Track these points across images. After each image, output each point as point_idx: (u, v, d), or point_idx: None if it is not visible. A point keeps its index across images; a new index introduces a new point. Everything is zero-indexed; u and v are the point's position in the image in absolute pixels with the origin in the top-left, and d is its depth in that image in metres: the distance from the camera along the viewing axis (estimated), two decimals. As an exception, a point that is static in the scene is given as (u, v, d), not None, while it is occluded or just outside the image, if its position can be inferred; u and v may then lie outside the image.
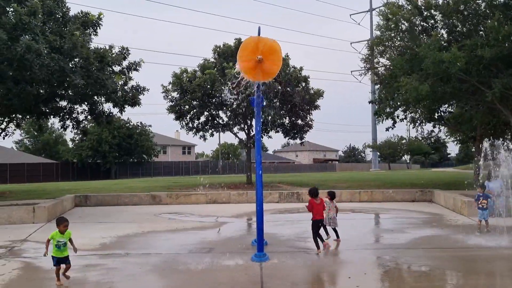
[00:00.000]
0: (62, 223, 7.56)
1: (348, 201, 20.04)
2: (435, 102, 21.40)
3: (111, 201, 19.51)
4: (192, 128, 26.49)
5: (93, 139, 57.42)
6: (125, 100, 19.03)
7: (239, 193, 20.78)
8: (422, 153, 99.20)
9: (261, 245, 8.92)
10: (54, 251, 7.45)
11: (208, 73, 23.92)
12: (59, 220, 7.69)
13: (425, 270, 8.04)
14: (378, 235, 12.70)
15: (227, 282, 7.49)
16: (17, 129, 26.41)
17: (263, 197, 9.41)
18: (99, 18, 18.29)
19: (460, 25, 19.47)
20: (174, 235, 12.03)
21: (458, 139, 32.99)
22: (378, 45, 21.85)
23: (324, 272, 8.23)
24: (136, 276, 7.84)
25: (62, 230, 7.50)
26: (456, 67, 16.42)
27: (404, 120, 25.96)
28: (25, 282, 7.70)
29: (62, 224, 7.54)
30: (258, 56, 8.53)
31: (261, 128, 11.48)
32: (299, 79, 25.83)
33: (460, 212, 15.49)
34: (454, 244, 10.44)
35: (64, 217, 7.82)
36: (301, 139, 27.91)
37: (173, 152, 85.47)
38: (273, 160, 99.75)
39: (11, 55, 14.09)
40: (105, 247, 10.49)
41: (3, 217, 14.21)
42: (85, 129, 24.89)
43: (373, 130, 71.37)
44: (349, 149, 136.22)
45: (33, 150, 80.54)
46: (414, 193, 20.45)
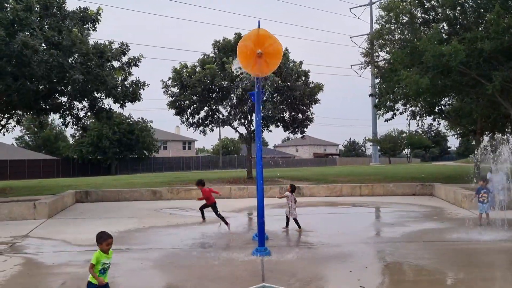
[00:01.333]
0: (105, 240, 5.79)
1: (349, 195, 20.07)
2: (435, 96, 21.37)
3: (112, 197, 19.52)
4: (193, 123, 26.48)
5: (94, 135, 57.37)
6: (125, 96, 18.99)
7: (239, 187, 20.80)
8: (423, 147, 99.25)
9: (262, 240, 8.93)
10: (92, 278, 5.75)
11: (208, 68, 23.88)
12: (100, 237, 5.86)
13: (425, 264, 8.04)
14: (379, 228, 12.72)
15: (228, 276, 7.50)
16: (17, 125, 26.43)
17: (264, 192, 9.41)
18: (98, 13, 18.24)
19: (460, 17, 19.40)
20: (175, 230, 12.05)
21: (459, 132, 32.96)
22: (378, 39, 21.80)
23: (325, 266, 8.24)
24: (137, 271, 7.86)
25: (106, 249, 5.78)
26: (456, 60, 16.38)
27: (404, 113, 25.94)
28: (27, 278, 7.71)
29: (105, 241, 5.78)
30: (258, 50, 8.50)
31: (261, 123, 11.45)
32: (299, 73, 25.78)
33: (461, 205, 15.50)
34: (454, 237, 10.45)
35: (106, 232, 5.96)
36: (301, 133, 27.90)
37: (173, 148, 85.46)
38: (274, 155, 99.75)
39: (9, 51, 14.05)
40: (106, 242, 10.49)
41: (4, 213, 14.23)
42: (85, 125, 24.87)
43: (373, 124, 71.34)
44: (350, 143, 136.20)
45: (33, 147, 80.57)
46: (415, 186, 20.47)
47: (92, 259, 5.68)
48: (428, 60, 17.22)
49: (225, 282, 7.23)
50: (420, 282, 7.09)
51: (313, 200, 18.78)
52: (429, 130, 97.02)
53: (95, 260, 5.67)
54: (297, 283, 6.97)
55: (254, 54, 8.59)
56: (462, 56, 16.40)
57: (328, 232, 11.35)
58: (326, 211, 15.98)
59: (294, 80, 25.24)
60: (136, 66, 19.82)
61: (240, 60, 8.83)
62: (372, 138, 75.34)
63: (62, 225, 13.10)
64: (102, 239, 5.80)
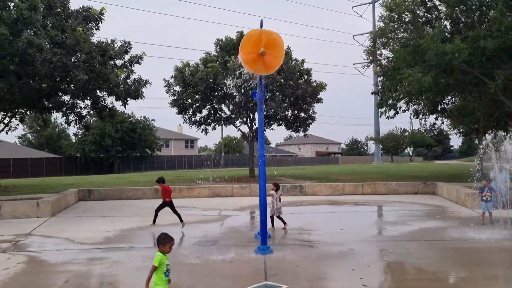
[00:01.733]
0: (168, 242, 5.66)
1: (351, 194, 20.06)
2: (438, 94, 21.35)
3: (114, 195, 19.57)
4: (195, 121, 26.52)
5: (96, 133, 57.44)
6: (127, 93, 19.02)
7: (242, 186, 20.82)
8: (425, 146, 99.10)
9: (265, 238, 8.94)
10: (160, 281, 5.50)
11: (210, 66, 23.89)
12: (164, 238, 5.70)
13: (427, 262, 8.04)
14: (381, 227, 12.71)
15: (231, 274, 7.52)
16: (20, 123, 26.50)
17: (266, 190, 9.41)
18: (101, 13, 18.27)
19: (463, 16, 19.36)
20: (177, 229, 12.05)
21: (461, 131, 32.89)
22: (381, 37, 21.77)
23: (327, 264, 8.25)
24: (140, 269, 7.87)
25: (168, 251, 5.66)
26: (459, 59, 16.35)
27: (406, 112, 25.91)
28: (30, 275, 7.74)
29: (168, 243, 5.66)
30: (261, 49, 8.49)
31: (264, 121, 11.46)
32: (301, 72, 25.78)
33: (463, 204, 15.48)
34: (457, 236, 10.44)
35: (169, 235, 5.79)
36: (304, 132, 27.92)
37: (176, 146, 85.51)
38: (276, 154, 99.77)
39: (13, 50, 14.09)
40: (109, 240, 10.54)
41: (7, 212, 14.29)
42: (87, 124, 24.92)
43: (376, 123, 71.23)
44: (352, 141, 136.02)
45: (36, 145, 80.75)
46: (417, 185, 20.44)
47: (154, 261, 5.51)
48: (431, 59, 17.20)
49: (228, 280, 7.25)
50: (423, 280, 7.09)
51: (316, 199, 18.79)
52: (431, 129, 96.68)
53: (157, 262, 5.50)
54: (299, 281, 6.98)
55: (257, 55, 8.57)
56: (465, 55, 16.37)
57: (330, 231, 11.35)
58: (328, 210, 15.98)
59: (297, 78, 25.24)
60: (138, 64, 19.85)
61: (242, 59, 8.81)
62: (375, 137, 75.22)
63: (65, 224, 13.15)
64: (166, 240, 5.66)
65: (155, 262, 5.49)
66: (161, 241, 5.67)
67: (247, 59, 8.69)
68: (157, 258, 5.52)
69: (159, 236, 5.77)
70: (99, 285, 7.10)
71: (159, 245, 5.66)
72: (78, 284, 7.14)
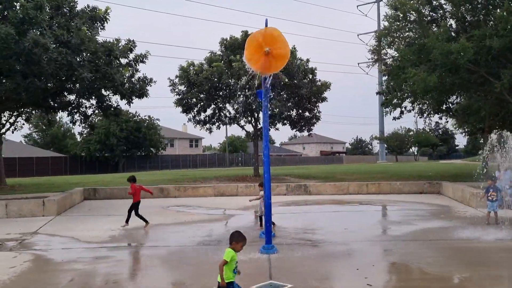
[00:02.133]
0: (242, 241, 5.75)
1: (356, 193, 20.05)
2: (443, 93, 21.28)
3: (119, 194, 19.60)
4: (199, 121, 26.56)
5: (101, 132, 57.66)
6: (132, 92, 19.08)
7: (246, 185, 20.83)
8: (430, 145, 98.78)
9: (269, 237, 8.95)
10: (231, 275, 5.61)
11: (215, 66, 23.93)
12: (239, 236, 5.78)
13: (432, 262, 8.03)
14: (386, 227, 12.69)
15: (235, 274, 7.53)
16: (26, 123, 26.66)
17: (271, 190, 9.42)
18: (106, 12, 18.34)
19: (469, 15, 19.28)
20: (182, 228, 12.11)
21: (466, 130, 32.77)
22: (386, 36, 21.71)
23: (332, 264, 8.25)
24: (145, 268, 7.92)
25: (239, 249, 5.74)
26: (464, 58, 16.29)
27: (411, 111, 25.84)
28: (36, 274, 7.80)
29: (242, 242, 5.74)
30: (266, 48, 8.50)
31: (269, 121, 11.47)
32: (306, 71, 25.78)
33: (469, 204, 15.43)
34: (462, 236, 10.41)
35: (243, 234, 5.85)
36: (308, 131, 27.92)
37: (180, 145, 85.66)
38: (280, 153, 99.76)
39: (19, 49, 14.16)
40: (114, 239, 10.59)
41: (13, 210, 14.38)
42: (92, 123, 25.02)
43: (380, 122, 71.03)
44: (356, 141, 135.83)
45: (41, 144, 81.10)
46: (422, 185, 20.39)
47: (226, 256, 5.52)
48: (436, 58, 17.14)
49: (232, 279, 7.27)
50: (427, 280, 7.08)
51: (320, 198, 18.78)
52: (436, 128, 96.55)
53: (229, 257, 5.53)
54: (304, 280, 6.99)
55: (261, 51, 8.58)
56: (470, 54, 16.31)
57: (335, 230, 11.35)
58: (332, 209, 15.98)
59: (301, 78, 25.23)
60: (143, 62, 19.91)
61: (246, 57, 8.83)
62: (379, 136, 75.02)
63: (70, 222, 13.22)
64: (240, 239, 5.71)
65: (227, 258, 5.51)
66: (235, 238, 5.70)
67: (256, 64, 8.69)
68: (229, 254, 5.55)
69: (234, 233, 5.80)
70: (104, 284, 7.14)
71: (232, 242, 5.69)
72: (83, 283, 7.19)
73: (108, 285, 7.04)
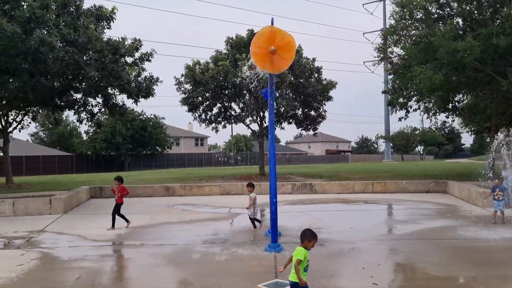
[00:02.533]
0: (314, 238, 5.67)
1: (361, 192, 20.02)
2: (449, 92, 21.17)
3: (126, 193, 19.68)
4: (205, 120, 26.61)
5: (107, 131, 57.87)
6: (139, 91, 19.14)
7: (252, 184, 20.82)
8: (436, 144, 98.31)
9: (275, 236, 8.96)
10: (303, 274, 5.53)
11: (221, 64, 23.95)
12: (311, 234, 5.67)
13: (439, 261, 8.01)
14: (392, 226, 12.67)
15: (241, 272, 7.55)
16: (32, 121, 26.80)
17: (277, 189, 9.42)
18: (113, 12, 18.40)
19: (476, 13, 19.17)
20: (188, 226, 12.14)
21: (473, 129, 32.60)
22: (392, 35, 21.61)
23: (338, 262, 8.25)
24: (151, 267, 7.94)
25: (310, 248, 5.66)
26: (471, 57, 16.20)
27: (417, 110, 25.73)
28: (44, 272, 7.85)
29: (314, 239, 5.67)
30: (271, 47, 8.49)
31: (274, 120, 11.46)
32: (311, 70, 25.76)
33: (475, 203, 15.37)
34: (468, 235, 10.38)
35: (315, 232, 5.75)
36: (314, 130, 27.89)
37: (186, 144, 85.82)
38: (286, 152, 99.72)
39: (25, 48, 14.23)
40: (121, 237, 10.63)
41: (20, 209, 14.47)
42: (99, 121, 25.11)
43: (386, 121, 70.84)
44: (362, 140, 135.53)
45: (48, 143, 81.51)
46: (428, 184, 20.32)
47: (299, 255, 5.46)
48: (442, 56, 17.06)
49: (238, 278, 7.29)
50: (433, 279, 7.07)
51: (326, 197, 18.77)
52: (442, 127, 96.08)
53: (303, 256, 5.46)
54: (309, 279, 6.97)
55: (267, 53, 8.58)
56: (477, 52, 16.21)
57: (340, 229, 11.35)
58: (338, 208, 15.96)
59: (307, 77, 25.21)
60: (148, 61, 19.94)
61: (253, 59, 8.82)
62: (385, 135, 74.80)
63: (77, 221, 13.28)
64: (312, 237, 5.63)
65: (301, 256, 5.44)
66: (307, 237, 5.61)
67: (257, 52, 8.69)
68: (302, 252, 5.48)
69: (305, 231, 5.69)
70: (111, 282, 7.18)
71: (304, 240, 5.61)
72: (90, 281, 7.23)
73: (114, 283, 7.08)
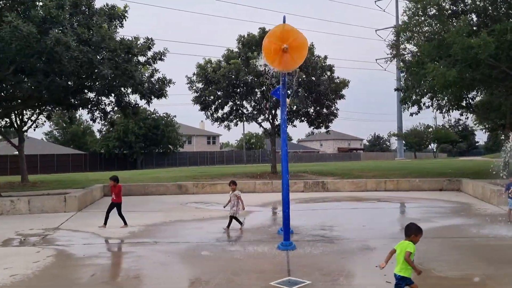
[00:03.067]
0: (420, 233, 5.64)
1: (374, 190, 19.93)
2: (463, 89, 20.96)
3: (138, 191, 19.87)
4: (217, 118, 26.68)
5: (120, 129, 58.30)
6: (151, 92, 19.24)
7: (264, 182, 20.87)
8: (449, 142, 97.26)
9: (288, 234, 8.97)
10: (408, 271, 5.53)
11: (232, 63, 23.99)
12: (416, 229, 5.66)
13: (453, 259, 7.96)
14: (405, 224, 12.50)
15: (254, 270, 7.58)
16: (47, 120, 27.11)
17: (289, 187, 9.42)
18: (125, 10, 18.50)
19: (490, 8, 18.93)
20: (201, 224, 12.20)
21: (487, 127, 32.24)
22: (404, 31, 21.44)
23: (350, 261, 8.24)
24: (164, 264, 8.01)
25: (417, 242, 5.64)
26: (485, 53, 16.01)
27: (430, 107, 25.51)
28: (59, 268, 7.95)
29: (420, 234, 5.65)
30: (283, 45, 8.48)
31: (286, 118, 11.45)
32: (323, 68, 25.67)
33: (489, 201, 15.21)
34: (482, 233, 10.28)
35: (420, 226, 5.76)
36: (326, 128, 27.82)
37: (198, 142, 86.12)
38: (297, 150, 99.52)
39: (40, 48, 14.39)
40: (134, 235, 10.73)
41: (36, 206, 14.68)
42: (112, 120, 25.30)
43: (399, 118, 70.26)
44: (374, 137, 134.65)
45: (62, 141, 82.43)
46: (442, 182, 20.16)
47: (410, 248, 5.46)
48: (456, 53, 16.88)
49: (251, 275, 7.31)
50: (447, 278, 7.02)
51: (338, 195, 18.72)
52: (456, 125, 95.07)
53: (413, 249, 5.47)
54: (322, 277, 7.00)
55: (279, 50, 8.58)
56: (492, 49, 16.02)
57: (353, 227, 11.32)
58: (350, 206, 15.91)
59: (319, 75, 25.14)
60: (161, 60, 20.01)
61: (265, 56, 8.82)
62: (397, 133, 74.21)
63: (91, 218, 13.42)
64: (418, 231, 5.64)
65: (411, 249, 5.45)
66: (414, 231, 5.63)
67: (269, 47, 8.66)
68: (413, 246, 5.48)
69: (411, 226, 5.73)
70: (125, 279, 7.26)
71: (411, 235, 5.62)
72: (104, 278, 7.31)
73: (128, 280, 7.15)
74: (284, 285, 6.57)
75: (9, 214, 14.40)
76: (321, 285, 6.63)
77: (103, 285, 6.97)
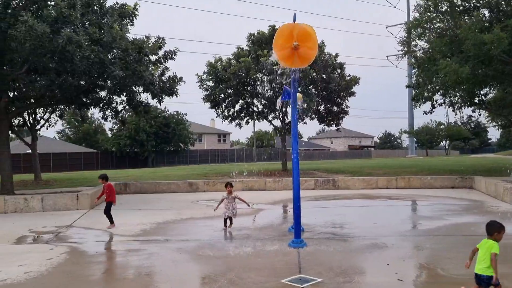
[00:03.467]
0: (503, 231, 5.57)
1: (385, 188, 19.84)
2: (475, 85, 20.76)
3: (150, 189, 20.00)
4: (228, 116, 26.72)
5: (131, 128, 58.69)
6: (162, 90, 19.33)
7: (274, 180, 20.87)
8: (462, 139, 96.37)
9: (298, 231, 8.97)
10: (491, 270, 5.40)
11: (242, 61, 23.99)
12: (500, 227, 5.59)
13: (465, 257, 7.86)
14: (416, 222, 12.52)
15: (265, 267, 7.59)
16: (59, 119, 27.39)
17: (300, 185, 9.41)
18: (135, 8, 18.59)
19: (503, 3, 18.70)
20: (211, 222, 12.23)
21: (500, 123, 31.90)
22: (416, 28, 21.27)
23: (362, 258, 8.21)
24: (175, 261, 8.06)
25: (500, 239, 5.54)
26: (498, 49, 15.83)
27: (443, 105, 25.30)
28: (72, 265, 8.03)
29: (503, 231, 5.56)
30: (294, 42, 8.46)
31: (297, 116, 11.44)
32: (334, 66, 25.58)
33: (502, 198, 15.06)
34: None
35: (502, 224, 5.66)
36: (336, 126, 27.74)
37: (208, 140, 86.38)
38: (308, 147, 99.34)
39: (53, 47, 14.52)
40: (146, 233, 10.80)
41: (49, 204, 14.85)
42: (123, 118, 25.47)
43: (410, 116, 69.82)
44: (385, 135, 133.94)
45: (74, 140, 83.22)
46: (454, 179, 19.99)
47: (495, 249, 5.37)
48: (468, 49, 16.72)
49: (262, 273, 7.32)
50: (461, 276, 6.96)
51: (349, 193, 18.66)
52: (468, 121, 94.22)
53: (498, 249, 5.35)
54: (334, 275, 6.98)
55: (290, 47, 8.55)
56: (505, 44, 15.84)
57: (364, 225, 11.27)
58: (361, 204, 15.85)
59: (330, 72, 25.05)
60: (172, 59, 20.09)
61: (277, 56, 8.80)
62: (409, 130, 73.69)
63: (103, 216, 13.46)
64: (502, 228, 5.54)
65: (497, 250, 5.35)
66: (497, 228, 5.54)
67: (282, 55, 8.65)
68: (497, 247, 5.38)
69: (493, 224, 5.64)
70: (137, 276, 7.31)
71: (493, 233, 5.54)
72: (116, 275, 7.38)
73: (140, 278, 7.20)
74: (295, 283, 6.57)
75: (23, 212, 14.59)
76: (332, 282, 6.62)
77: (115, 282, 7.04)
